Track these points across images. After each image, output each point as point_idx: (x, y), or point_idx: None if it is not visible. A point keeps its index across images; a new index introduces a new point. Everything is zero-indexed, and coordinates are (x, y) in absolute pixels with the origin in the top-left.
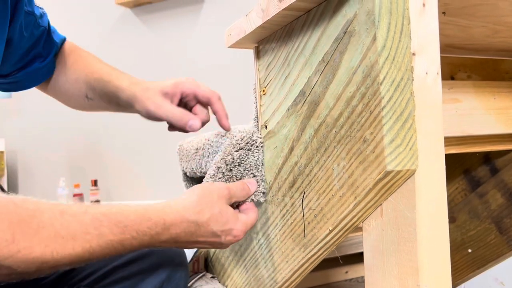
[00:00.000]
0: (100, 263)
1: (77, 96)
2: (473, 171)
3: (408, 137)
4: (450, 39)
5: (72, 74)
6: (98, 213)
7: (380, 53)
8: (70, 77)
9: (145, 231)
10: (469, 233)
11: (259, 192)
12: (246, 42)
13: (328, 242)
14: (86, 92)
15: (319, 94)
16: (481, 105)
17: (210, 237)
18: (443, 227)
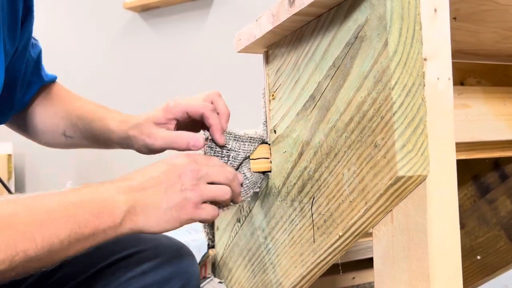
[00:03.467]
0: (114, 275)
1: (52, 131)
2: (482, 177)
3: (420, 142)
4: (460, 45)
5: (51, 108)
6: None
7: (391, 58)
8: (48, 112)
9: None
10: (478, 240)
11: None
12: (256, 47)
13: (338, 247)
14: (64, 129)
15: (330, 99)
16: (491, 111)
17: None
18: (455, 233)
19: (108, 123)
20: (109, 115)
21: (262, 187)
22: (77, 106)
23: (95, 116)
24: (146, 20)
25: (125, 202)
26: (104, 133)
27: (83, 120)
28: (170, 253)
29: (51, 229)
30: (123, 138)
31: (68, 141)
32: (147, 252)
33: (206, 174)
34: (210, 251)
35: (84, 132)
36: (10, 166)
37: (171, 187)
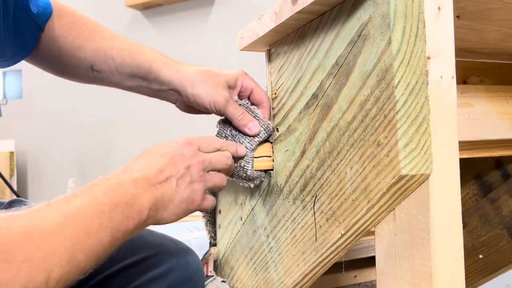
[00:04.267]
0: (121, 282)
1: (76, 66)
2: (485, 176)
3: (423, 141)
4: (464, 43)
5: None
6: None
7: (395, 56)
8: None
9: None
10: (480, 239)
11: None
12: (258, 45)
13: (340, 246)
14: (92, 63)
15: (332, 97)
16: (494, 109)
17: (163, 158)
18: (457, 232)
19: (161, 58)
20: (157, 52)
21: (264, 186)
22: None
23: (141, 49)
24: (148, 18)
25: (148, 200)
26: (150, 68)
27: (122, 54)
28: (176, 259)
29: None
30: (178, 79)
31: (95, 75)
32: (154, 259)
33: (209, 164)
34: (212, 249)
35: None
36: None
37: (181, 180)
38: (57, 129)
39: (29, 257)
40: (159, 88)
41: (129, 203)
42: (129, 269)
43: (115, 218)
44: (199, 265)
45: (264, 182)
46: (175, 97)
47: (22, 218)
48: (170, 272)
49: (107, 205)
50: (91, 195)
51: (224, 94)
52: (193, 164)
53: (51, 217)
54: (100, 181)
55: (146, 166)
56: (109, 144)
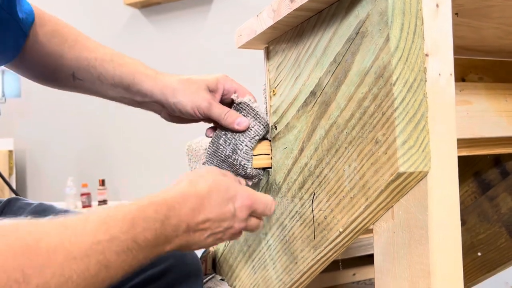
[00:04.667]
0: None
1: (58, 73)
2: (483, 173)
3: (421, 138)
4: (462, 41)
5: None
6: (101, 217)
7: (393, 53)
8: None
9: (153, 216)
10: (478, 237)
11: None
12: (257, 43)
13: (338, 244)
14: (74, 70)
15: (330, 95)
16: (493, 107)
17: (218, 208)
18: (456, 229)
19: (141, 70)
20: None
21: (262, 183)
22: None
23: (122, 60)
24: (147, 16)
25: (174, 246)
26: (133, 79)
27: (104, 64)
28: (173, 259)
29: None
30: (159, 88)
31: (77, 83)
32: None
33: (254, 211)
34: (211, 247)
35: (101, 76)
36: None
37: (213, 236)
38: (56, 128)
39: (45, 282)
40: (142, 100)
41: (158, 244)
42: None
43: (139, 257)
44: (197, 263)
45: (262, 180)
46: (158, 108)
47: (52, 235)
48: (168, 271)
49: (139, 245)
50: (131, 226)
51: (205, 97)
52: (235, 227)
53: (80, 241)
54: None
55: (199, 207)
56: (108, 143)
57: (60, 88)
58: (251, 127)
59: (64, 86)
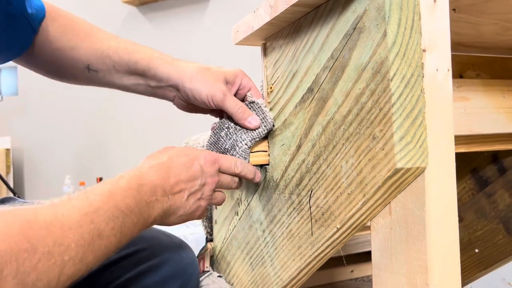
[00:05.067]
0: (113, 275)
1: (72, 67)
2: (481, 170)
3: (418, 134)
4: (460, 37)
5: (69, 42)
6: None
7: (390, 49)
8: (65, 46)
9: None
10: (476, 233)
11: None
12: (254, 39)
13: (336, 240)
14: (88, 63)
15: (328, 91)
16: (490, 104)
17: (185, 169)
18: (453, 225)
19: (157, 55)
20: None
21: (260, 181)
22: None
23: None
24: (144, 14)
25: (157, 210)
26: (149, 65)
27: (119, 52)
28: (169, 252)
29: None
30: (176, 74)
31: (91, 75)
32: (146, 252)
33: (220, 185)
34: (208, 244)
35: (116, 65)
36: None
37: (193, 195)
38: (53, 126)
39: (49, 250)
40: (157, 85)
41: (141, 211)
42: (121, 262)
43: (126, 224)
44: (192, 258)
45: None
46: (173, 93)
47: (45, 212)
48: (163, 265)
49: (123, 212)
50: (110, 196)
51: (222, 88)
52: (209, 183)
53: (70, 214)
54: (121, 180)
55: (167, 172)
56: (106, 141)
57: (74, 82)
58: (256, 129)
59: (78, 80)
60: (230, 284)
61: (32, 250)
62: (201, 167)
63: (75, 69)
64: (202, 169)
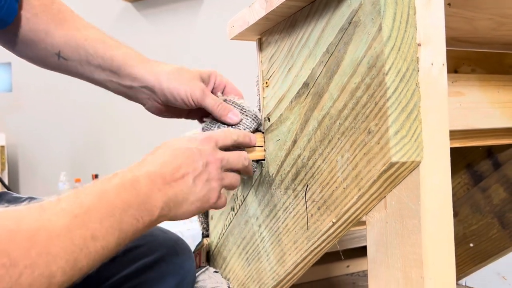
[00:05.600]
0: (109, 272)
1: (42, 49)
2: (476, 165)
3: (413, 128)
4: (455, 32)
5: (45, 23)
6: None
7: (385, 43)
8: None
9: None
10: (471, 228)
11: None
12: (249, 34)
13: (331, 234)
14: (60, 49)
15: (323, 86)
16: (485, 98)
17: (180, 153)
18: (448, 219)
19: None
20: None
21: (256, 176)
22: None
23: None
24: (139, 10)
25: (161, 200)
26: (123, 64)
27: (94, 45)
28: (165, 248)
29: (102, 241)
30: (149, 74)
31: (61, 62)
32: (143, 248)
33: (227, 162)
34: (205, 240)
35: (89, 58)
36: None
37: (199, 178)
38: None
39: (33, 262)
40: (130, 85)
41: (141, 203)
42: (118, 259)
43: (125, 220)
44: (189, 254)
45: (256, 172)
46: (146, 95)
47: (30, 219)
48: (160, 261)
49: (119, 207)
50: (102, 194)
51: (200, 85)
52: (212, 161)
53: (59, 219)
54: (114, 178)
55: (163, 161)
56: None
57: (44, 67)
58: (240, 122)
59: (47, 65)
60: (226, 279)
61: (12, 265)
62: (197, 148)
63: (46, 53)
64: (198, 148)
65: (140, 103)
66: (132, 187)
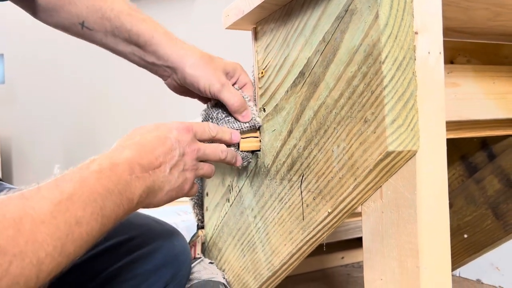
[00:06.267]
0: (104, 264)
1: (64, 18)
2: (471, 156)
3: (410, 117)
4: (451, 22)
5: None
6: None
7: (382, 31)
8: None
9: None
10: (465, 219)
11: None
12: (244, 23)
13: (327, 224)
14: (84, 19)
15: (319, 75)
16: (481, 89)
17: (157, 142)
18: (444, 209)
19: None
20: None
21: (251, 166)
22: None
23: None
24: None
25: (140, 188)
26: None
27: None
28: (161, 240)
29: (87, 227)
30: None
31: (85, 31)
32: (138, 240)
33: (203, 154)
34: (200, 231)
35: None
36: None
37: (175, 167)
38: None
39: (21, 250)
40: (154, 62)
41: (122, 190)
42: (113, 250)
43: (107, 206)
44: (184, 245)
45: (251, 163)
46: (167, 74)
47: (12, 208)
48: (155, 253)
49: (100, 194)
50: (83, 181)
51: (221, 78)
52: (189, 152)
53: (41, 206)
54: (92, 164)
55: (142, 148)
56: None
57: (67, 33)
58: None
59: (69, 32)
60: (221, 270)
61: (1, 253)
62: (175, 137)
63: (69, 22)
64: (177, 138)
65: (160, 77)
66: (113, 173)
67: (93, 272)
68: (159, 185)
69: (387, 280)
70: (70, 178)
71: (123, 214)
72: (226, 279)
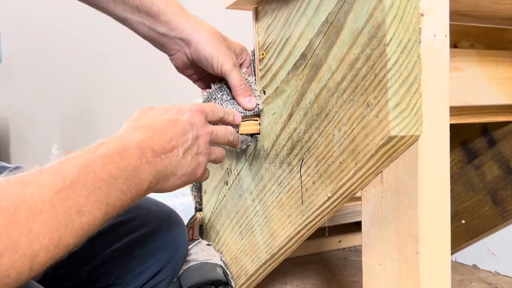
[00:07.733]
0: (101, 246)
1: None
2: (471, 142)
3: (414, 101)
4: (455, 5)
5: None
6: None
7: (387, 12)
8: None
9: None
10: (463, 205)
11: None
12: (245, 3)
13: (326, 209)
14: None
15: (321, 57)
16: (484, 74)
17: (171, 125)
18: (445, 194)
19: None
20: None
21: (250, 150)
22: None
23: None
24: None
25: (150, 173)
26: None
27: None
28: (158, 222)
29: (89, 216)
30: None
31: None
32: (135, 221)
33: (216, 137)
34: (198, 214)
35: None
36: None
37: (188, 151)
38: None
39: (14, 242)
40: (165, 33)
41: (130, 176)
42: (109, 232)
43: (113, 194)
44: (182, 227)
45: (250, 146)
46: (178, 47)
47: (10, 195)
48: (153, 235)
49: (106, 180)
50: (88, 166)
51: (233, 59)
52: (203, 134)
53: (41, 194)
54: (100, 147)
55: (153, 132)
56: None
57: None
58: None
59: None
60: (219, 252)
61: None
62: (187, 120)
63: None
64: (189, 121)
65: (166, 53)
66: (120, 158)
67: (90, 254)
68: (171, 170)
69: (385, 265)
70: (75, 162)
71: (130, 201)
72: (224, 261)
